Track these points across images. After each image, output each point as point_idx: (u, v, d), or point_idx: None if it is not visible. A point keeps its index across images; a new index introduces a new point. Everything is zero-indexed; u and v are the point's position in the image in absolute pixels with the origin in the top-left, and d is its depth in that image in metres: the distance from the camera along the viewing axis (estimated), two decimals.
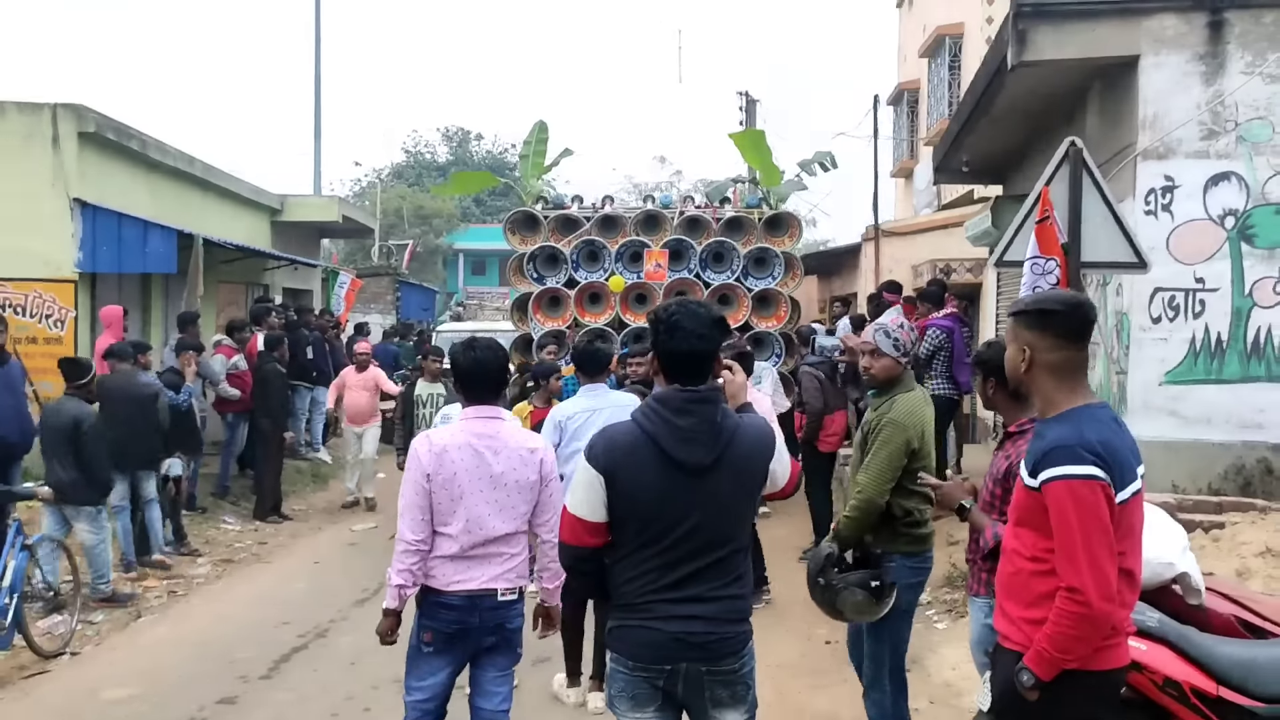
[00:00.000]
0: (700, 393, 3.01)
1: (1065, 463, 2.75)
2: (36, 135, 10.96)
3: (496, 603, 3.91)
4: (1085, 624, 2.70)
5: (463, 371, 3.99)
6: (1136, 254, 6.57)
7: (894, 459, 4.25)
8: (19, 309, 10.86)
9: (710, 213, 11.50)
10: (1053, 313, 2.95)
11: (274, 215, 17.44)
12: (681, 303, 3.12)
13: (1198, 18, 7.31)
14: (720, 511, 3.00)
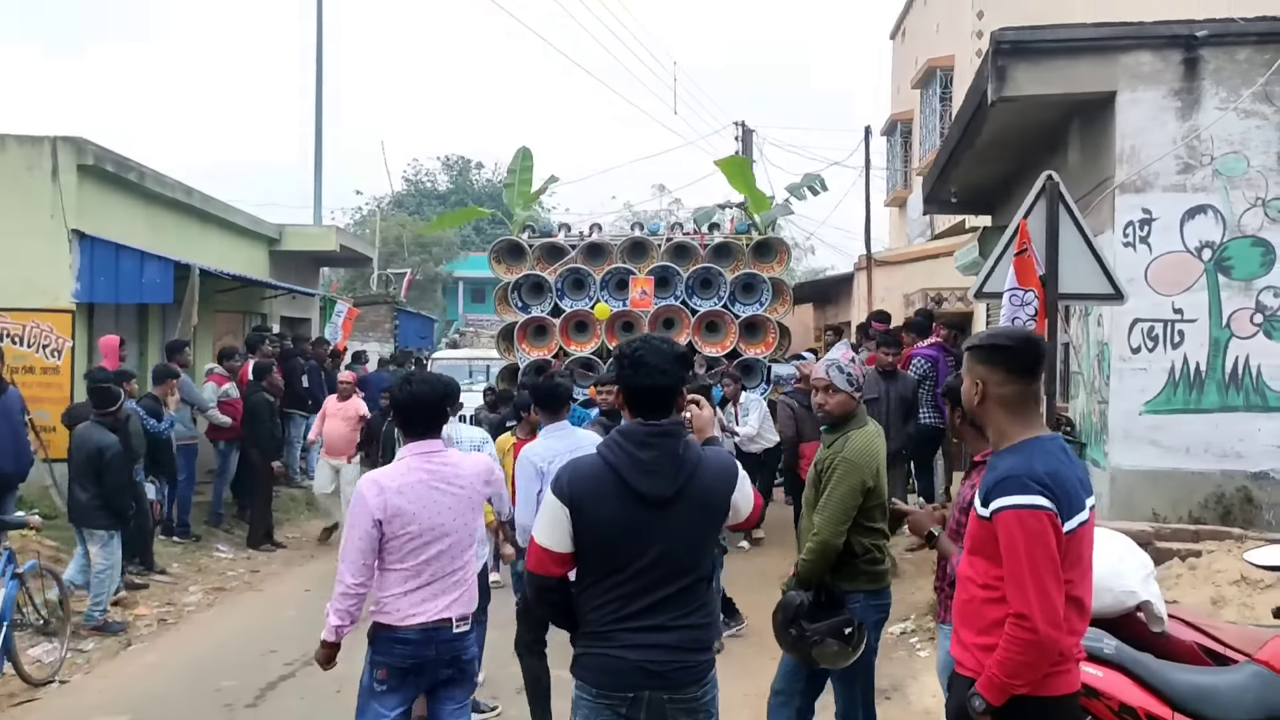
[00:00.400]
0: (662, 426, 3.10)
1: (1014, 493, 2.83)
2: (36, 168, 11.12)
3: (452, 634, 3.89)
4: (1033, 650, 2.77)
5: (400, 406, 3.98)
6: (1113, 285, 6.69)
7: (848, 498, 4.20)
8: (17, 339, 10.97)
9: (698, 239, 11.47)
10: (1004, 348, 3.04)
11: (272, 245, 17.58)
12: (645, 339, 3.22)
13: (1173, 55, 7.45)
14: (682, 542, 3.08)
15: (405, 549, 3.83)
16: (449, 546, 3.90)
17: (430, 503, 3.86)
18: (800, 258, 51.58)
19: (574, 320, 11.28)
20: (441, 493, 3.88)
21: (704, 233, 11.73)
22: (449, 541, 3.90)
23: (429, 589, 3.86)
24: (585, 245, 11.49)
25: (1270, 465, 7.35)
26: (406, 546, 3.82)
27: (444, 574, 3.89)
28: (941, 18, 19.39)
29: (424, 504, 3.84)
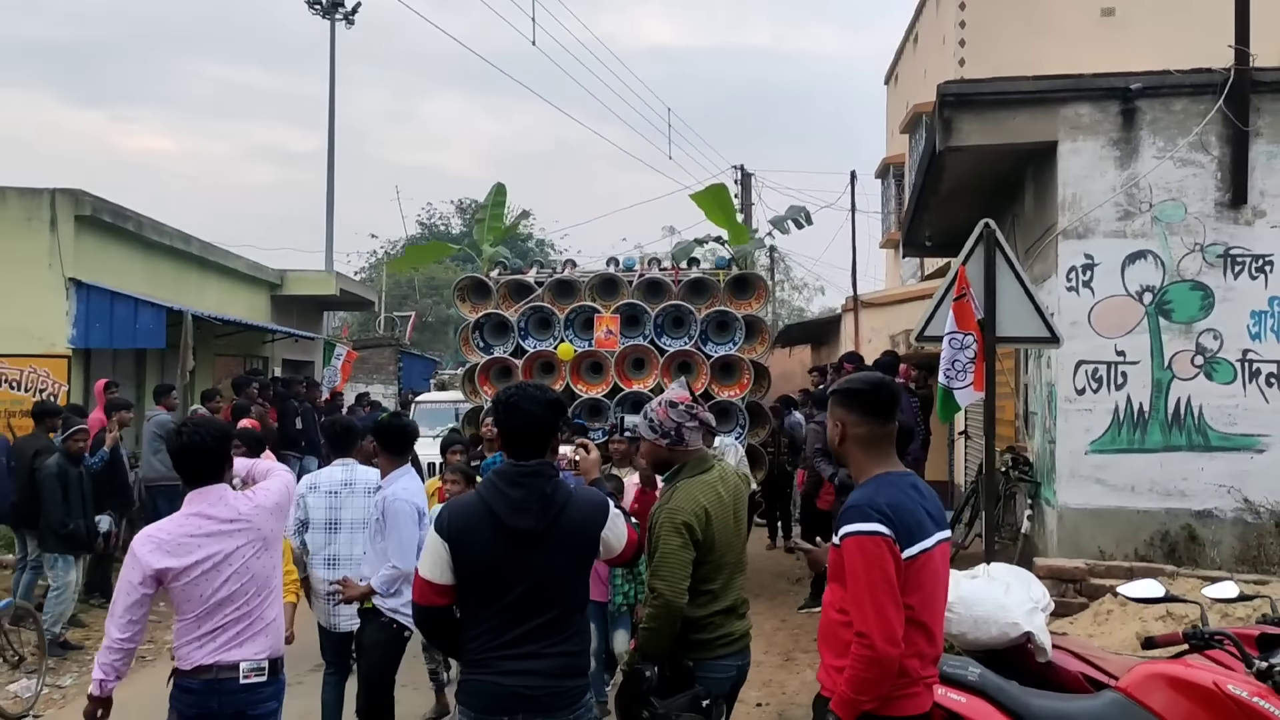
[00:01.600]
0: (531, 466, 3.31)
1: (856, 520, 3.05)
2: (35, 218, 11.57)
3: (239, 685, 3.77)
4: (874, 666, 2.97)
5: (175, 456, 3.89)
6: (1049, 329, 6.93)
7: (678, 554, 3.68)
8: (14, 383, 11.35)
9: (673, 275, 10.67)
10: (859, 392, 3.28)
11: (274, 290, 18.03)
12: (520, 386, 3.50)
13: (1111, 106, 7.72)
14: (552, 576, 3.30)
15: (188, 596, 3.74)
16: (235, 591, 3.78)
17: (210, 550, 3.74)
18: (811, 298, 51.96)
19: (538, 361, 10.55)
20: (222, 537, 3.77)
21: (679, 268, 10.95)
22: (234, 586, 3.77)
23: (215, 634, 3.76)
24: (553, 282, 10.71)
25: (1213, 504, 7.51)
26: (190, 594, 3.73)
27: (233, 619, 3.77)
28: (929, 64, 19.79)
29: (203, 552, 3.74)
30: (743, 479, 4.12)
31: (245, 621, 3.80)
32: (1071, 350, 7.64)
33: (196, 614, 3.75)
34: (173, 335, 12.15)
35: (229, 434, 4.11)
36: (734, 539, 3.92)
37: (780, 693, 7.08)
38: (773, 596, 10.00)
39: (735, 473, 4.08)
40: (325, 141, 28.76)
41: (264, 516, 3.90)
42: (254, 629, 3.81)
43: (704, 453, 3.97)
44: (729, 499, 3.91)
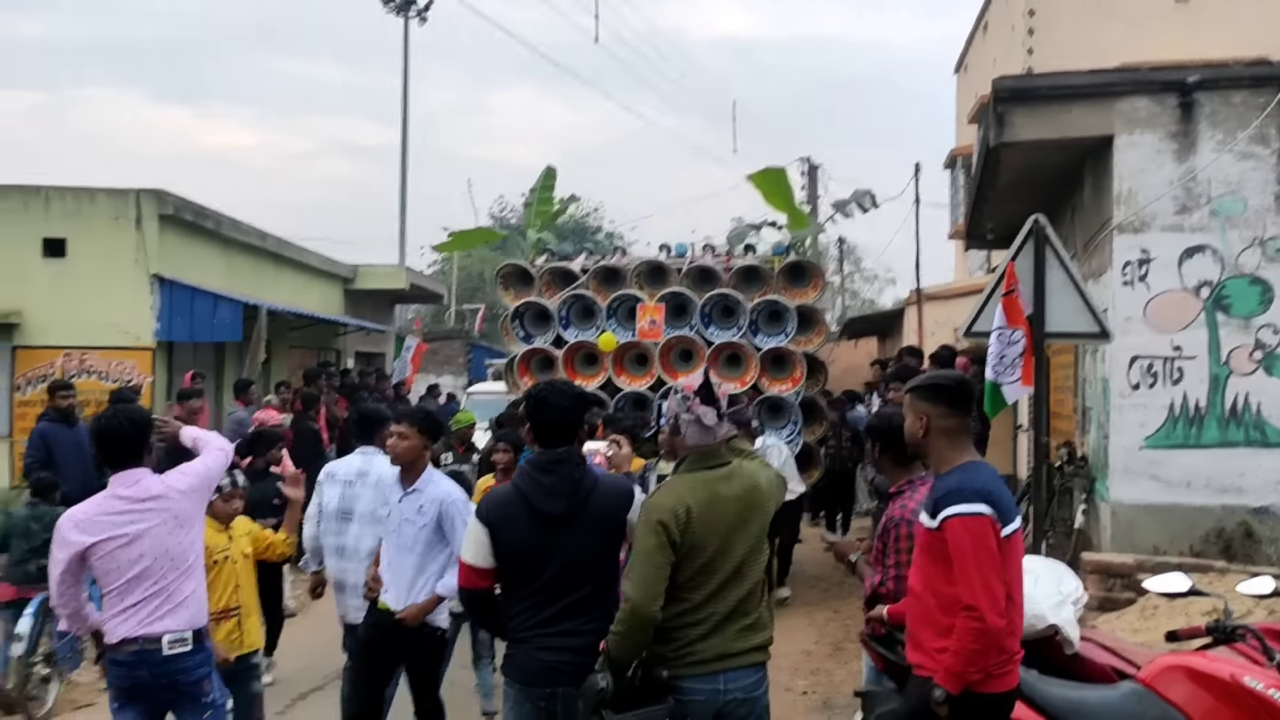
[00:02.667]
0: (559, 454, 3.62)
1: (959, 503, 3.27)
2: (122, 217, 12.11)
3: (164, 656, 4.03)
4: (983, 638, 3.18)
5: (96, 439, 4.25)
6: (1099, 324, 6.93)
7: (651, 555, 3.37)
8: (102, 374, 11.92)
9: (724, 262, 10.14)
10: (944, 388, 3.52)
11: (346, 284, 18.54)
12: (549, 382, 3.83)
13: (1169, 99, 7.66)
14: (581, 556, 3.59)
15: (108, 573, 4.02)
16: (149, 567, 4.03)
17: (123, 528, 4.01)
18: (882, 289, 51.41)
19: (579, 352, 9.97)
20: (134, 515, 4.03)
21: (731, 255, 10.31)
22: (147, 562, 4.02)
23: (135, 609, 4.01)
24: (599, 270, 10.13)
25: (1271, 500, 7.44)
26: (109, 571, 4.02)
27: (151, 594, 4.02)
28: (998, 53, 19.52)
29: (115, 530, 4.01)
30: (775, 482, 3.74)
31: (163, 596, 4.04)
32: (1126, 345, 7.62)
33: (117, 588, 4.02)
34: (249, 329, 12.63)
35: (148, 422, 4.30)
36: (733, 545, 3.47)
37: (827, 681, 7.21)
38: (828, 588, 10.10)
39: (761, 474, 3.68)
40: (399, 136, 29.42)
41: (176, 497, 4.12)
42: (172, 602, 4.06)
43: (711, 447, 3.56)
44: (733, 500, 3.50)
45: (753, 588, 3.52)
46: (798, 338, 9.77)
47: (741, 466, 3.62)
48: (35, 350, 12.05)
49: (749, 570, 3.51)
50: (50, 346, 12.02)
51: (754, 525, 3.54)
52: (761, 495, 3.60)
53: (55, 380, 9.93)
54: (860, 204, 11.67)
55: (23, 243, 11.98)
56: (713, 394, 3.62)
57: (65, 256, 12.07)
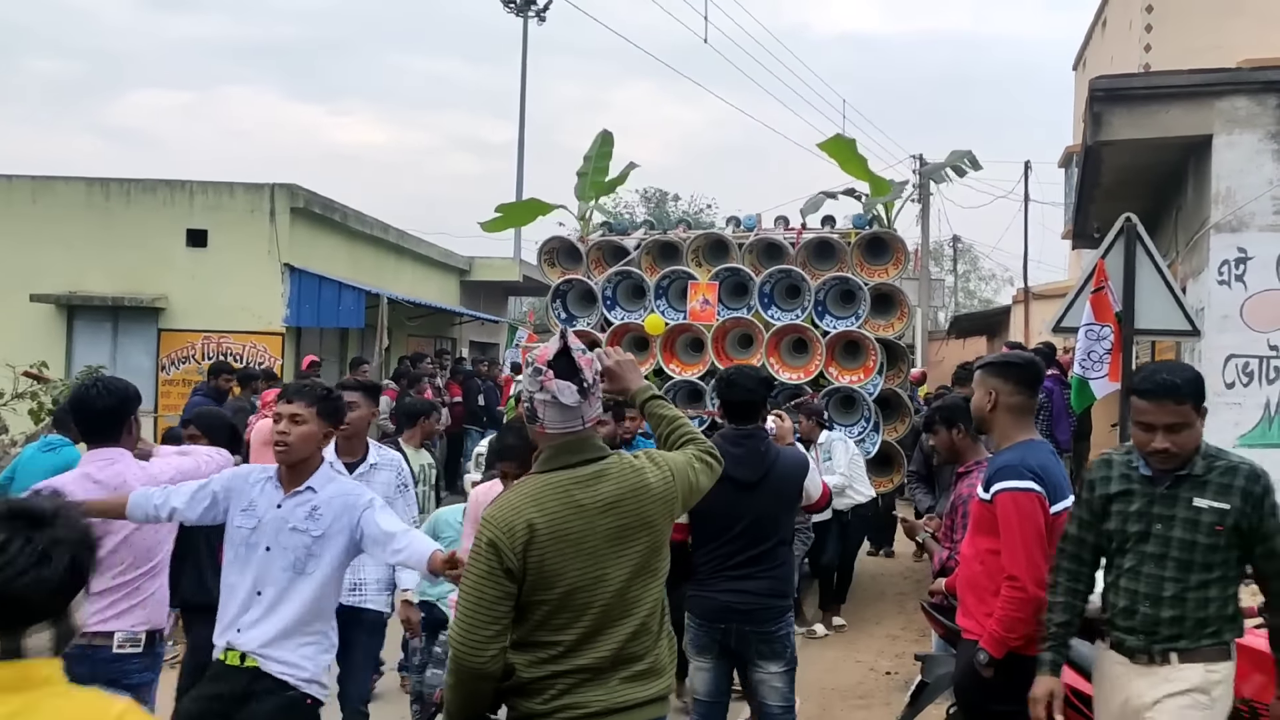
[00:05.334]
0: (748, 429, 4.25)
1: (1010, 478, 3.51)
2: (258, 210, 13.00)
3: (112, 654, 3.64)
4: (1024, 606, 3.43)
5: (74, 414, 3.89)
6: (1189, 322, 7.00)
7: (478, 588, 2.60)
8: (237, 356, 12.81)
9: (794, 235, 8.86)
10: (1014, 365, 3.78)
11: (463, 275, 19.31)
12: (738, 366, 4.62)
13: (1269, 99, 7.64)
14: (765, 515, 4.17)
15: None
16: (111, 558, 3.64)
17: None
18: (999, 289, 50.47)
19: (625, 335, 8.72)
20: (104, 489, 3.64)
21: (803, 228, 9.01)
22: (109, 554, 3.62)
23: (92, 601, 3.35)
24: (653, 244, 9.00)
25: None
26: None
27: (110, 587, 3.65)
28: (1116, 50, 19.22)
29: None
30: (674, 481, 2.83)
31: (123, 592, 3.70)
32: (1221, 343, 7.64)
33: None
34: (371, 316, 13.38)
35: (130, 396, 3.85)
36: (606, 570, 2.67)
37: (911, 665, 7.45)
38: (921, 578, 10.26)
39: (651, 471, 2.80)
40: (518, 133, 30.26)
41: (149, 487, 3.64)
42: (131, 600, 3.71)
43: (575, 436, 2.73)
44: (601, 509, 2.68)
45: (643, 623, 2.74)
46: (875, 321, 8.50)
47: (620, 463, 2.78)
48: (178, 333, 13.04)
49: (636, 601, 2.73)
50: (191, 330, 13.01)
51: (638, 542, 2.72)
52: (648, 501, 2.75)
53: (219, 362, 10.62)
54: (957, 167, 10.03)
55: (169, 233, 12.97)
56: (573, 364, 2.71)
57: (206, 246, 13.01)
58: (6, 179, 13.61)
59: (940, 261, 40.32)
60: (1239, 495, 3.18)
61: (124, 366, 13.03)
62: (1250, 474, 3.22)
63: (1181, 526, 3.19)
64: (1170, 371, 3.25)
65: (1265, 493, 3.21)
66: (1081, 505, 3.41)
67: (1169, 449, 3.15)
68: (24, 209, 13.26)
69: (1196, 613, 3.24)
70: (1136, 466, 3.27)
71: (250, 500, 3.47)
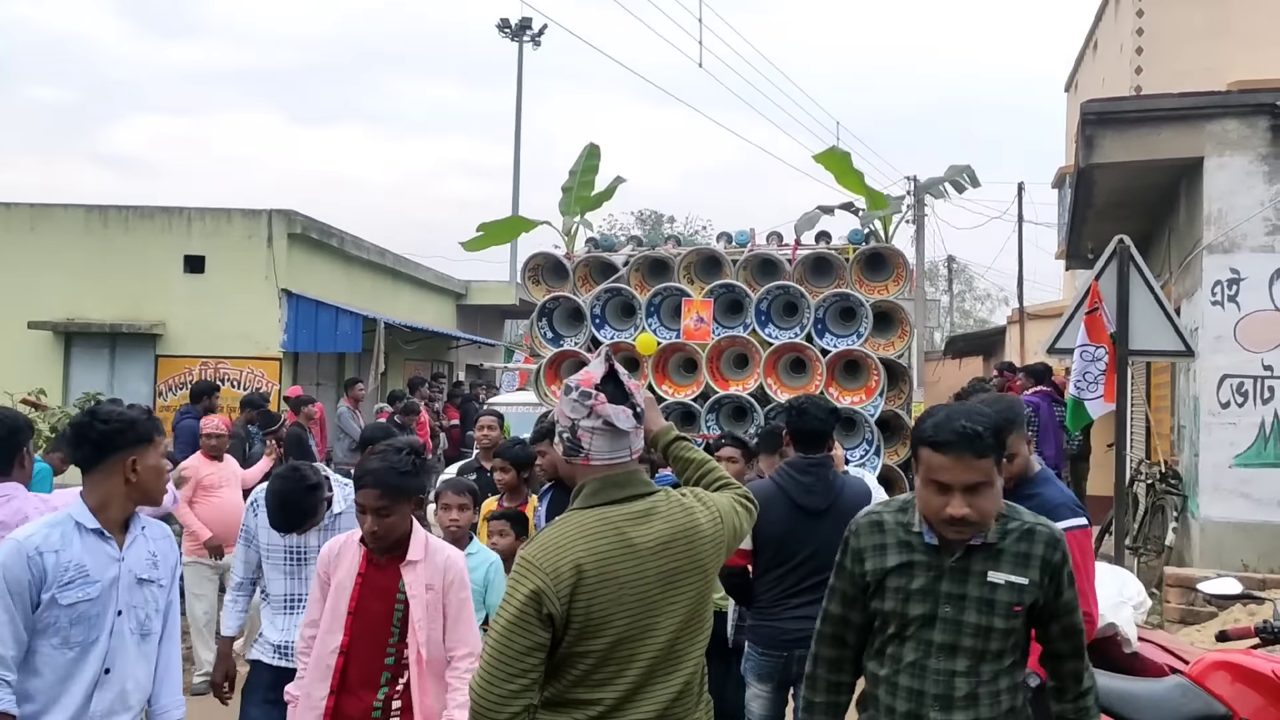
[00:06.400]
0: (817, 459, 4.28)
1: (1068, 517, 3.49)
2: (255, 236, 13.04)
3: None
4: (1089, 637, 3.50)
5: None
6: (1183, 342, 7.06)
7: (509, 636, 2.29)
8: (235, 382, 12.82)
9: (790, 251, 8.57)
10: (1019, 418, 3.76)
11: (459, 299, 19.36)
12: (808, 395, 4.66)
13: (1260, 121, 7.72)
14: (829, 543, 4.06)
15: None
16: None
17: None
18: (994, 309, 50.62)
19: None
20: None
21: (798, 243, 8.72)
22: None
23: None
24: (643, 261, 8.69)
25: None
26: None
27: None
28: (1107, 72, 19.38)
29: None
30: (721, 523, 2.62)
31: None
32: (1215, 364, 7.69)
33: None
34: (368, 340, 13.41)
35: (20, 427, 3.56)
36: (655, 620, 2.41)
37: None
38: None
39: (700, 511, 2.58)
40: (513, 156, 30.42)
41: None
42: None
43: (626, 468, 2.49)
44: (654, 551, 2.43)
45: (688, 682, 2.49)
46: (876, 340, 8.27)
47: (669, 500, 2.53)
48: (176, 359, 13.05)
49: (682, 657, 2.47)
50: (189, 356, 13.01)
51: (689, 588, 2.47)
52: (700, 543, 2.51)
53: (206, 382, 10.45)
54: (956, 182, 10.18)
55: (167, 259, 13.02)
56: (623, 388, 2.50)
57: (204, 273, 13.04)
58: (5, 207, 13.66)
59: (935, 282, 40.42)
60: (1038, 567, 2.60)
61: (122, 392, 13.02)
62: (1049, 539, 2.64)
63: (975, 608, 2.55)
64: (971, 417, 2.52)
65: (1064, 561, 2.65)
66: (845, 577, 2.75)
67: (968, 516, 2.49)
68: (22, 236, 13.30)
69: (990, 712, 2.59)
70: (919, 532, 2.61)
71: None
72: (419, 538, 3.44)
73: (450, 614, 3.42)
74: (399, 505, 3.30)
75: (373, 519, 3.29)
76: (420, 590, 3.36)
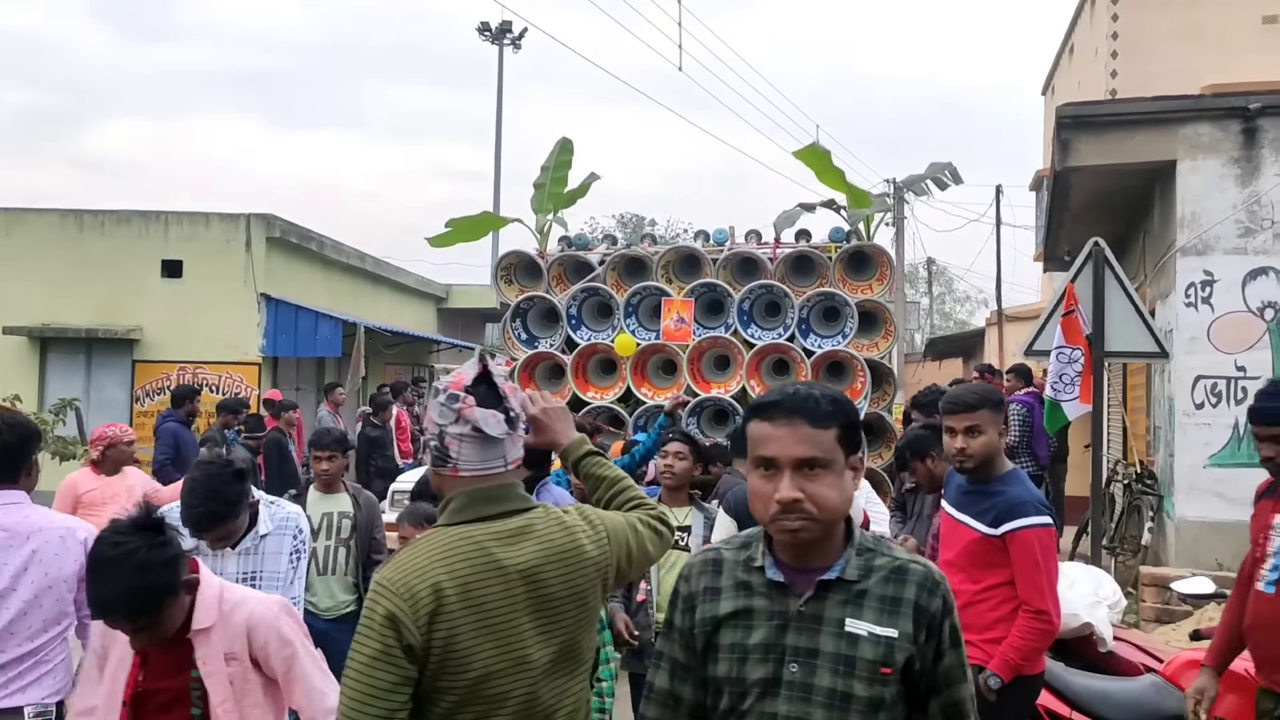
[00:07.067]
0: None
1: (1033, 514, 3.57)
2: (233, 240, 12.98)
3: None
4: (1046, 637, 3.56)
5: None
6: (1157, 344, 7.13)
7: (366, 670, 1.96)
8: (214, 387, 12.75)
9: (770, 249, 8.32)
10: (1000, 402, 3.86)
11: (439, 303, 19.33)
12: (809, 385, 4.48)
13: (1232, 124, 7.81)
14: None
15: None
16: (19, 620, 3.17)
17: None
18: (974, 310, 50.87)
19: (593, 356, 8.21)
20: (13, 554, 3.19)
21: (779, 242, 8.44)
22: (15, 614, 3.16)
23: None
24: (620, 260, 8.44)
25: None
26: None
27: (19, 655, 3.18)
28: (1083, 75, 19.53)
29: None
30: (608, 544, 2.27)
31: (34, 659, 3.22)
32: (1190, 365, 7.77)
33: None
34: (348, 345, 13.37)
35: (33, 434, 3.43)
36: (528, 652, 2.09)
37: None
38: None
39: (583, 531, 2.24)
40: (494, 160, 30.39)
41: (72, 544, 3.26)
42: (42, 669, 3.24)
43: (497, 480, 2.17)
44: (524, 575, 2.11)
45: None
46: (859, 340, 7.99)
47: (547, 517, 2.22)
48: (153, 364, 12.97)
49: (560, 695, 2.17)
50: (166, 361, 12.94)
51: (565, 619, 2.17)
52: (580, 568, 2.20)
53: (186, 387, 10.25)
54: (938, 179, 9.73)
55: (144, 264, 12.93)
56: (496, 390, 2.19)
57: (182, 277, 12.97)
58: None
59: (915, 284, 40.62)
60: (910, 615, 1.94)
61: (98, 399, 12.96)
62: (925, 580, 1.97)
63: (830, 668, 1.91)
64: (812, 387, 2.06)
65: (945, 612, 1.98)
66: (674, 639, 2.06)
67: (798, 501, 1.88)
68: None
69: None
70: (760, 566, 1.98)
71: None
72: (209, 593, 2.69)
73: (283, 678, 2.75)
74: (163, 615, 2.58)
75: (134, 639, 2.63)
76: (218, 665, 2.67)
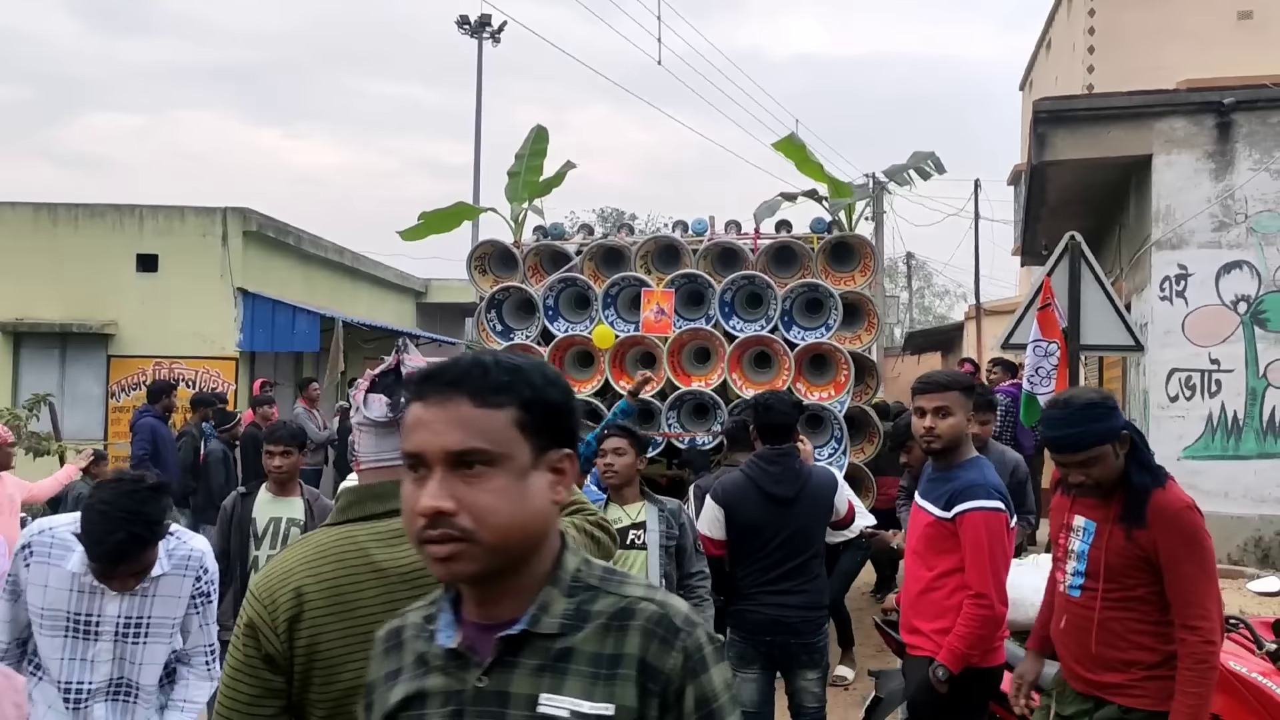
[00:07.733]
0: (784, 449, 4.50)
1: (980, 498, 3.55)
2: (210, 234, 12.87)
3: None
4: (989, 624, 3.51)
5: None
6: (1133, 337, 7.17)
7: (233, 677, 1.82)
8: (190, 382, 12.65)
9: (751, 240, 8.26)
10: (974, 386, 3.90)
11: (419, 297, 19.24)
12: (772, 391, 4.82)
13: (1206, 119, 7.88)
14: (801, 529, 4.40)
15: None
16: None
17: None
18: (953, 305, 51.06)
19: (570, 349, 8.09)
20: None
21: (759, 233, 8.38)
22: None
23: None
24: (596, 250, 8.36)
25: None
26: None
27: None
28: (1060, 70, 19.64)
29: None
30: None
31: None
32: (1164, 358, 7.83)
33: None
34: (326, 340, 13.29)
35: None
36: None
37: (865, 679, 7.50)
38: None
39: None
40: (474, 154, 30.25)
41: None
42: None
43: (391, 482, 1.84)
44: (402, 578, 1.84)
45: None
46: (843, 333, 7.90)
47: None
48: (128, 359, 12.86)
49: None
50: (142, 356, 12.82)
51: None
52: None
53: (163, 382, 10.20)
54: (920, 169, 9.26)
55: (119, 258, 12.80)
56: (398, 377, 2.03)
57: (157, 271, 12.86)
58: None
59: (895, 278, 40.74)
60: (633, 680, 1.35)
61: (72, 394, 12.84)
62: (658, 622, 1.38)
63: None
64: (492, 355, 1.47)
65: (691, 671, 1.37)
66: None
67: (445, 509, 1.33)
68: None
69: None
70: (433, 630, 1.45)
71: None
72: None
73: None
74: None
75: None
76: None
